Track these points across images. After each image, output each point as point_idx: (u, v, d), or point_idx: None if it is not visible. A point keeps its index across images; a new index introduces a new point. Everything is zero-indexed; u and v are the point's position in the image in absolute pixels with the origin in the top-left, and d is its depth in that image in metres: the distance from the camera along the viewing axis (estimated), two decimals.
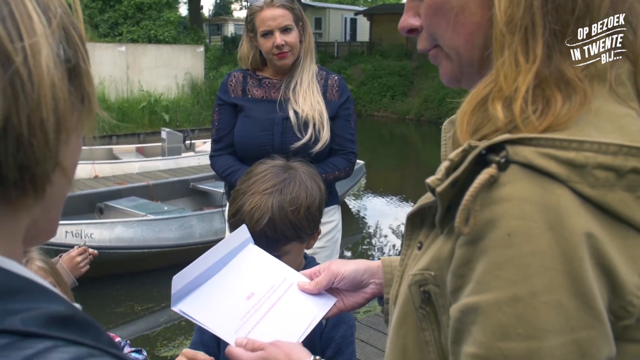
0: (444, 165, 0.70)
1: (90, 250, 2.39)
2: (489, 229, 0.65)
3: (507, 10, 0.70)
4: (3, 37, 0.48)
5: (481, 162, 0.67)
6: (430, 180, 0.71)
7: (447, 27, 0.80)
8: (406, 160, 17.34)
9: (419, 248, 0.84)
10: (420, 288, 0.80)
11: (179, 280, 1.14)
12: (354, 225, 9.72)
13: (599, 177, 0.64)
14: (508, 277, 0.64)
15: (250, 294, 1.22)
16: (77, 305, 0.58)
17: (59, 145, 0.53)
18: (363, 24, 36.53)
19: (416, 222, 0.87)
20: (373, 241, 9.44)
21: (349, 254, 8.42)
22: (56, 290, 0.57)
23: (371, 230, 9.92)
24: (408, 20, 0.87)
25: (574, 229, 0.63)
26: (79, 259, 2.32)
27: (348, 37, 38.42)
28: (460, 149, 0.70)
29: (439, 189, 0.70)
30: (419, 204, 0.83)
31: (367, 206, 11.27)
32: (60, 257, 2.32)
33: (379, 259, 1.27)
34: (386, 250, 8.88)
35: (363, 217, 10.55)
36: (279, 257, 1.52)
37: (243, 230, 1.36)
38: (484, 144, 0.67)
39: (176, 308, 1.15)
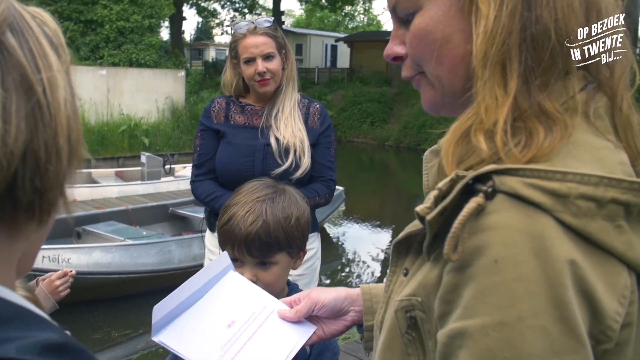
0: (433, 194, 0.72)
1: (69, 271, 2.37)
2: (476, 256, 0.67)
3: (482, 46, 0.73)
4: (27, 69, 0.52)
5: (468, 191, 0.69)
6: (419, 208, 0.73)
7: (431, 57, 0.82)
8: (385, 186, 17.43)
9: (405, 274, 0.86)
10: (407, 314, 0.81)
11: (159, 310, 1.14)
12: (333, 252, 9.71)
13: (581, 206, 0.66)
14: (495, 303, 0.65)
15: (231, 322, 1.22)
16: (67, 332, 0.59)
17: (70, 172, 0.57)
18: (343, 51, 36.95)
19: (402, 249, 0.88)
20: (352, 268, 9.42)
21: (327, 281, 8.39)
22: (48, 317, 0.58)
23: (350, 256, 9.91)
24: (393, 48, 0.89)
25: (557, 257, 0.65)
26: (58, 282, 2.30)
27: (328, 64, 38.83)
28: (448, 178, 0.72)
29: (428, 217, 0.72)
30: (406, 232, 0.85)
31: (346, 232, 11.27)
32: (37, 280, 2.30)
33: (359, 286, 1.28)
34: (365, 276, 8.86)
35: (342, 244, 10.54)
36: (269, 265, 1.54)
37: (224, 257, 1.37)
38: (472, 173, 0.69)
39: (156, 338, 1.15)
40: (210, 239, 2.85)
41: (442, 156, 0.76)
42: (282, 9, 35.08)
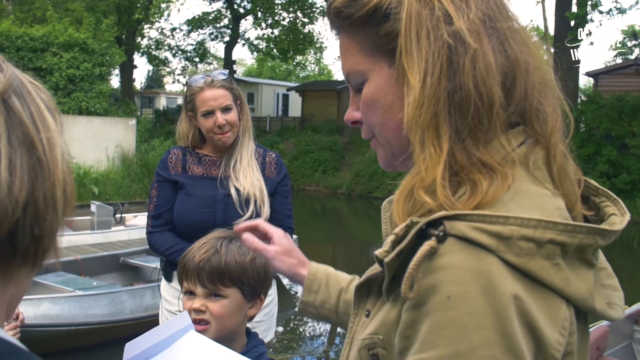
0: (390, 238, 0.80)
1: (16, 317, 2.35)
2: (431, 293, 0.74)
3: (411, 115, 0.83)
4: (30, 129, 0.59)
5: (422, 235, 0.77)
6: (378, 252, 0.80)
7: (377, 121, 0.92)
8: (338, 234, 17.48)
9: (367, 316, 0.92)
10: (370, 351, 0.87)
11: None
12: (288, 300, 9.64)
13: (522, 247, 0.75)
14: (449, 336, 0.73)
15: None
16: None
17: (63, 222, 0.62)
18: (295, 100, 37.27)
19: (363, 292, 0.95)
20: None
21: (281, 329, 8.33)
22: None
23: None
24: (352, 113, 0.99)
25: (503, 292, 0.73)
26: (10, 333, 2.27)
27: (280, 112, 39.09)
28: (404, 224, 0.79)
29: (386, 260, 0.79)
30: (366, 275, 0.92)
31: None
32: None
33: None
34: (320, 324, 8.83)
35: (296, 292, 10.49)
36: (220, 297, 1.58)
37: (184, 316, 1.37)
38: (425, 219, 0.77)
39: None
40: (167, 288, 2.83)
41: (393, 213, 0.85)
42: (233, 58, 35.40)
